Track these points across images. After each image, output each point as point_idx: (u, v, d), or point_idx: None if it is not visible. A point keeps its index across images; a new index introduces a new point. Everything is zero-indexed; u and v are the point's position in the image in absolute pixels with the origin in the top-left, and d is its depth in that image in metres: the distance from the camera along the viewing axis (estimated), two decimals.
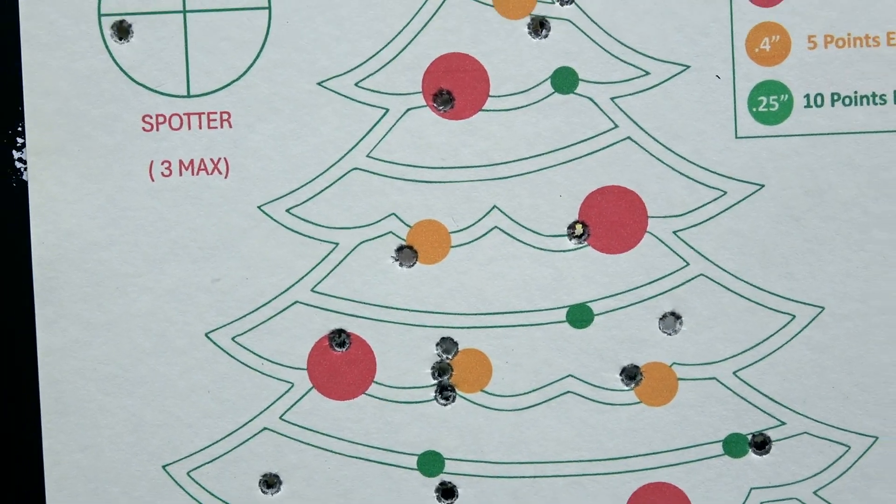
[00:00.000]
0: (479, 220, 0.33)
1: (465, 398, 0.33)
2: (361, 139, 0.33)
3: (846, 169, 0.32)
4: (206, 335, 0.33)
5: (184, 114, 0.33)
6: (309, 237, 0.33)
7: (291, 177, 0.33)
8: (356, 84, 0.33)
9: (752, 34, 0.32)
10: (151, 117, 0.33)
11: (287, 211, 0.33)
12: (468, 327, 0.33)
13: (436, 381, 0.33)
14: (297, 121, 0.33)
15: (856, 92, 0.32)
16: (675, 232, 0.33)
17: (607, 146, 0.33)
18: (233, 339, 0.33)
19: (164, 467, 0.33)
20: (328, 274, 0.33)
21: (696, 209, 0.33)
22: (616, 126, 0.33)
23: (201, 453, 0.33)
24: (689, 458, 0.33)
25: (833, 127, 0.33)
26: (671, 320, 0.33)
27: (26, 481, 0.33)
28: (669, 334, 0.33)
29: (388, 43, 0.33)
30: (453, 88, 0.33)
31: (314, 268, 0.33)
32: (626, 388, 0.33)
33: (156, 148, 0.33)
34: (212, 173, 0.33)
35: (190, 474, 0.33)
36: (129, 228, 0.33)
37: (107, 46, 0.33)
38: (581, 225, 0.33)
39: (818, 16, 0.32)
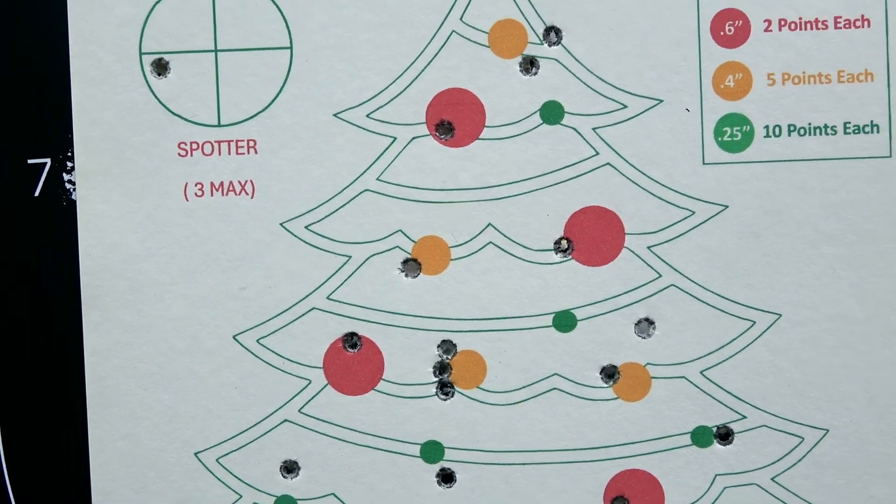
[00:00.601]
0: (476, 236, 0.33)
1: (462, 394, 0.34)
2: (372, 164, 0.33)
3: (800, 192, 0.33)
4: (234, 337, 0.33)
5: (215, 141, 0.33)
6: (325, 251, 0.33)
7: (310, 197, 0.33)
8: (367, 115, 0.33)
9: (717, 72, 0.33)
10: (186, 144, 0.33)
11: (306, 227, 0.33)
12: (466, 331, 0.33)
13: (437, 379, 0.34)
14: (315, 148, 0.33)
15: (810, 123, 0.33)
16: (649, 247, 0.33)
17: (589, 171, 0.33)
18: (257, 340, 0.33)
19: (195, 454, 0.34)
20: (342, 283, 0.33)
21: (667, 227, 0.33)
22: (597, 153, 0.33)
23: (229, 442, 0.34)
24: (660, 447, 0.34)
25: (789, 155, 0.33)
26: (645, 325, 0.33)
27: (74, 466, 0.34)
28: (644, 338, 0.33)
29: (396, 79, 0.33)
30: (453, 119, 0.33)
31: (329, 278, 0.33)
32: (606, 385, 0.34)
33: (190, 171, 0.33)
34: (239, 194, 0.33)
35: (219, 460, 0.34)
36: (166, 242, 0.33)
37: (147, 81, 0.33)
38: (566, 240, 0.33)
39: (777, 56, 0.33)
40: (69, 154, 0.33)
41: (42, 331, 0.34)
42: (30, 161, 0.33)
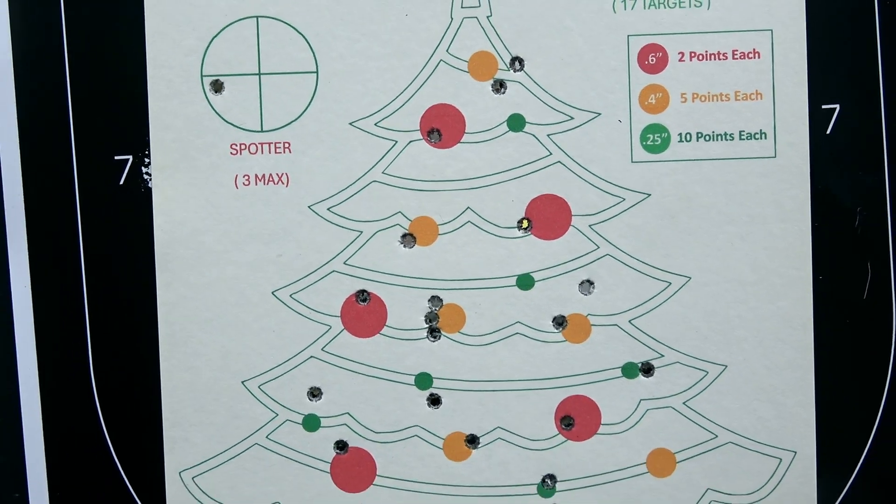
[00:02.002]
0: (458, 216, 0.36)
1: (447, 337, 0.36)
2: (378, 161, 0.35)
3: (707, 183, 0.35)
4: (273, 293, 0.36)
5: (259, 143, 0.35)
6: (342, 227, 0.36)
7: (331, 186, 0.35)
8: (375, 124, 0.35)
9: (643, 92, 0.35)
10: (237, 145, 0.35)
11: (328, 209, 0.36)
12: (450, 289, 0.36)
13: (427, 325, 0.36)
14: (335, 149, 0.35)
15: (713, 132, 0.35)
16: (590, 225, 0.36)
17: (545, 167, 0.36)
18: (290, 295, 0.36)
19: (242, 382, 0.36)
20: (355, 252, 0.36)
21: (604, 210, 0.36)
22: (550, 154, 0.36)
23: (268, 373, 0.36)
24: (598, 378, 0.36)
25: (698, 155, 0.35)
26: (587, 285, 0.36)
27: (148, 393, 0.37)
28: (586, 295, 0.36)
29: (397, 96, 0.35)
30: (441, 128, 0.35)
31: (345, 248, 0.36)
32: (556, 331, 0.36)
33: (239, 166, 0.35)
34: (277, 183, 0.35)
35: (260, 387, 0.36)
36: (221, 220, 0.35)
37: (206, 97, 0.35)
38: (527, 220, 0.36)
39: (688, 80, 0.35)
40: (147, 153, 0.35)
41: (125, 288, 0.36)
42: (116, 157, 0.36)
